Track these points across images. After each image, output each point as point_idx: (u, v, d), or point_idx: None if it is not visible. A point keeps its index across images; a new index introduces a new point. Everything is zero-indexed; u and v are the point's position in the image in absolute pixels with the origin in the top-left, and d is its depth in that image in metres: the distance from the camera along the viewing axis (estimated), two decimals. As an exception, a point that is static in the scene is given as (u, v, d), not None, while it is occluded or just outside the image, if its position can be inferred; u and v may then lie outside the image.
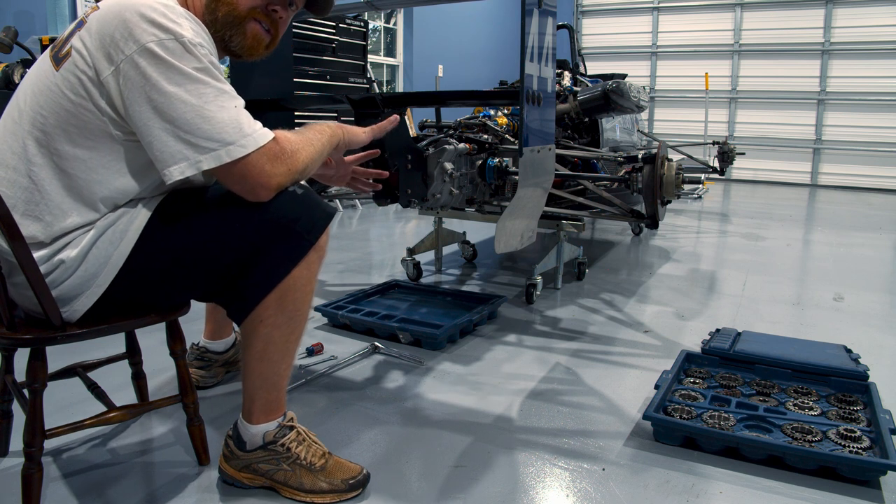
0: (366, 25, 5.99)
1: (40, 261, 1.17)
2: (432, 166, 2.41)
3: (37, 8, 4.14)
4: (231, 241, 1.23)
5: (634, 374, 2.11)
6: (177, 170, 1.12)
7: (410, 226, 5.13)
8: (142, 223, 1.21)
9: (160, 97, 1.09)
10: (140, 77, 1.09)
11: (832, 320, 2.76)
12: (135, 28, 1.09)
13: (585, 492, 1.44)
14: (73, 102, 1.14)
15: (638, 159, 2.89)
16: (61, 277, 1.19)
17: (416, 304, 2.73)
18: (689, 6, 9.63)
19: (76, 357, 1.66)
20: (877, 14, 8.42)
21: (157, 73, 1.09)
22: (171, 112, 1.10)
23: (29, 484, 1.23)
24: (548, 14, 2.05)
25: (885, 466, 1.45)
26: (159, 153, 1.12)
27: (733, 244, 4.54)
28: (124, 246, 1.20)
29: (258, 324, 1.27)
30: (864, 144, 8.68)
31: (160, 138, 1.11)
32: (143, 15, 1.10)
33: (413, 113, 6.18)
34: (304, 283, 1.27)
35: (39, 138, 1.16)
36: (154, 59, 1.09)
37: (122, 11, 1.11)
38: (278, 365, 1.33)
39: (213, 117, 1.11)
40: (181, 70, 1.10)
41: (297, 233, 1.23)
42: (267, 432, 1.36)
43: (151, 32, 1.09)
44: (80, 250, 1.19)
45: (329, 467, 1.38)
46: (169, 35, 1.10)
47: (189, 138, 1.11)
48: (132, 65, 1.09)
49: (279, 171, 1.18)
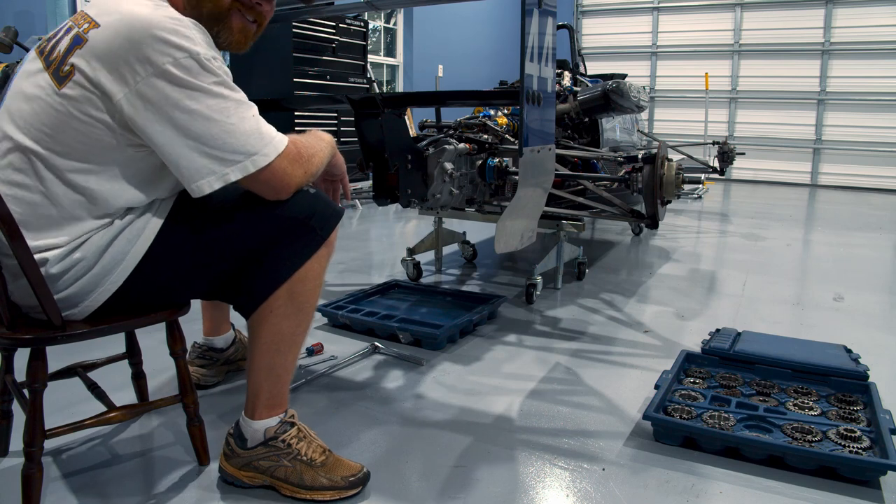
0: (366, 25, 5.99)
1: (56, 259, 1.18)
2: (432, 166, 2.41)
3: (37, 8, 4.14)
4: (248, 235, 1.27)
5: (634, 374, 2.11)
6: (205, 184, 1.15)
7: (410, 226, 5.13)
8: (159, 222, 1.24)
9: (183, 115, 1.11)
10: (160, 98, 1.11)
11: (832, 320, 2.76)
12: (148, 50, 1.09)
13: (585, 492, 1.44)
14: (82, 122, 1.14)
15: (638, 159, 2.89)
16: (77, 275, 1.20)
17: (416, 304, 2.73)
18: (689, 6, 9.63)
19: (76, 357, 1.66)
20: (877, 14, 8.41)
21: (176, 92, 1.11)
22: (194, 129, 1.12)
23: (29, 484, 1.23)
24: (548, 14, 2.05)
25: (885, 466, 1.45)
26: (186, 170, 1.15)
27: (733, 244, 4.54)
28: (141, 244, 1.23)
29: (269, 314, 1.30)
30: (864, 144, 8.68)
31: (186, 156, 1.13)
32: (156, 37, 1.10)
33: (413, 113, 6.18)
34: (315, 276, 1.31)
35: (46, 157, 1.16)
36: (172, 80, 1.10)
37: (131, 34, 1.10)
38: (285, 357, 1.35)
39: (236, 130, 1.14)
40: (200, 87, 1.12)
41: (311, 228, 1.28)
42: (268, 428, 1.37)
43: (167, 53, 1.10)
44: (97, 249, 1.20)
45: (329, 464, 1.39)
46: (184, 53, 1.11)
47: (215, 153, 1.14)
48: (150, 87, 1.10)
49: (298, 172, 1.23)
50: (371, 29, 7.22)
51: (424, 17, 8.08)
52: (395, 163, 2.34)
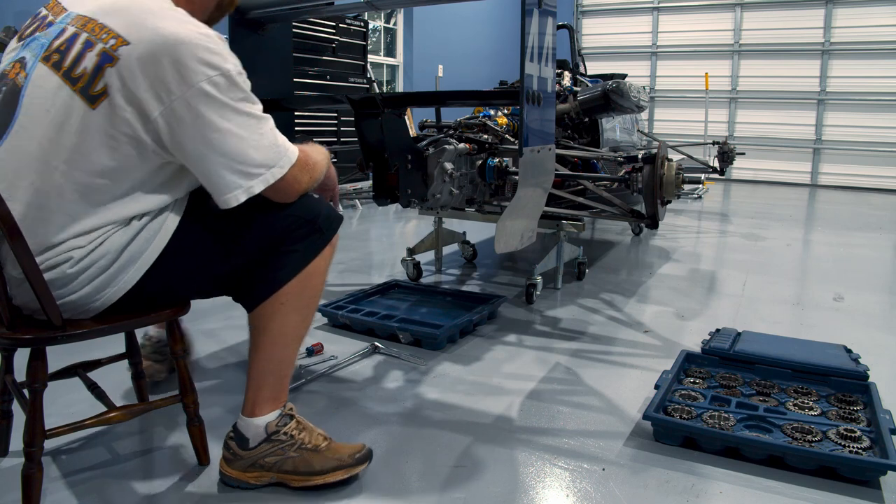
0: (366, 25, 5.99)
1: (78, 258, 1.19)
2: (432, 166, 2.41)
3: (37, 8, 4.14)
4: (261, 233, 1.33)
5: (634, 374, 2.11)
6: (233, 197, 1.22)
7: (410, 226, 5.13)
8: (176, 220, 1.29)
9: (214, 134, 1.18)
10: (194, 117, 1.16)
11: (832, 320, 2.76)
12: (183, 70, 1.14)
13: (585, 492, 1.44)
14: (116, 140, 1.16)
15: (638, 159, 2.89)
16: (94, 274, 1.22)
17: (416, 304, 2.73)
18: (689, 6, 9.63)
19: (76, 357, 1.66)
20: (877, 14, 8.41)
21: (209, 111, 1.17)
22: (224, 147, 1.19)
23: (29, 484, 1.24)
24: (548, 14, 2.06)
25: (885, 466, 1.45)
26: (215, 185, 1.22)
27: (733, 244, 4.54)
28: (158, 242, 1.27)
29: (279, 306, 1.36)
30: (864, 144, 8.67)
31: (216, 172, 1.21)
32: (191, 55, 1.14)
33: (413, 113, 6.18)
34: (321, 273, 1.41)
35: (77, 177, 1.17)
36: (206, 99, 1.16)
37: (165, 53, 1.13)
38: (289, 350, 1.41)
39: (259, 146, 1.23)
40: (230, 105, 1.19)
41: (318, 227, 1.37)
42: (269, 423, 1.39)
43: (202, 72, 1.15)
44: (115, 248, 1.23)
45: (333, 447, 1.44)
46: (216, 71, 1.16)
47: (241, 168, 1.21)
48: (185, 105, 1.15)
49: (305, 178, 1.33)
50: (371, 29, 7.22)
51: (424, 17, 8.08)
52: (395, 163, 2.34)
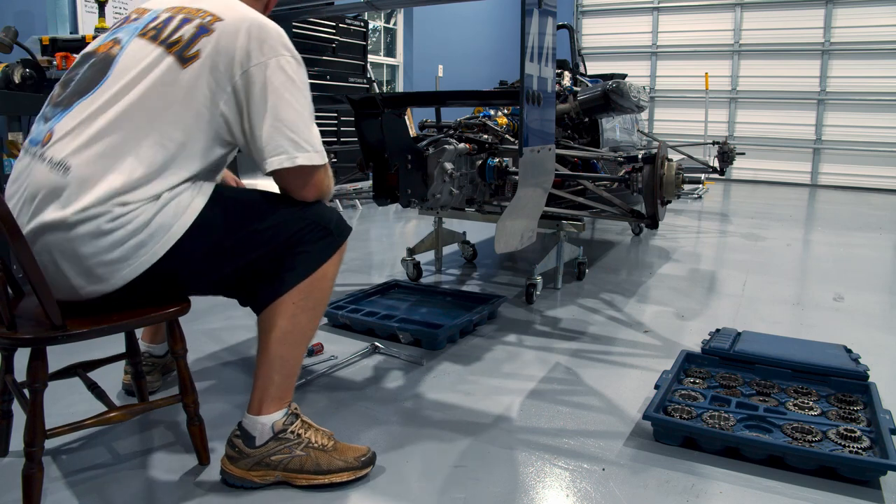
0: (366, 25, 5.99)
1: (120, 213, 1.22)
2: (432, 166, 2.41)
3: (37, 8, 4.14)
4: (279, 231, 1.37)
5: (634, 374, 2.11)
6: (276, 160, 1.30)
7: (410, 226, 5.13)
8: (202, 202, 1.32)
9: (279, 101, 1.30)
10: (265, 81, 1.29)
11: (832, 320, 2.76)
12: (265, 46, 1.30)
13: (585, 492, 1.44)
14: (192, 96, 1.28)
15: (638, 159, 2.89)
16: (120, 240, 1.23)
17: (416, 304, 2.73)
18: (689, 6, 9.62)
19: (76, 357, 1.66)
20: (877, 14, 8.41)
21: (279, 81, 1.30)
22: (283, 113, 1.30)
23: (29, 484, 1.24)
24: (548, 14, 2.06)
25: (885, 466, 1.45)
26: (263, 147, 1.30)
27: (733, 244, 4.54)
28: (185, 219, 1.29)
29: (290, 305, 1.39)
30: (864, 144, 8.67)
31: (269, 132, 1.30)
32: (273, 35, 1.32)
33: (413, 113, 6.18)
34: (331, 276, 1.44)
35: (156, 126, 1.26)
36: (279, 71, 1.31)
37: (253, 30, 1.30)
38: (297, 349, 1.43)
39: (311, 127, 1.35)
40: (296, 83, 1.33)
41: (332, 232, 1.43)
42: (276, 422, 1.40)
43: (280, 51, 1.32)
44: (145, 217, 1.25)
45: (340, 448, 1.46)
46: (289, 53, 1.33)
47: (293, 136, 1.31)
48: (261, 70, 1.29)
49: (327, 184, 1.43)
50: (371, 29, 7.22)
51: (424, 17, 8.08)
52: (395, 163, 2.34)
